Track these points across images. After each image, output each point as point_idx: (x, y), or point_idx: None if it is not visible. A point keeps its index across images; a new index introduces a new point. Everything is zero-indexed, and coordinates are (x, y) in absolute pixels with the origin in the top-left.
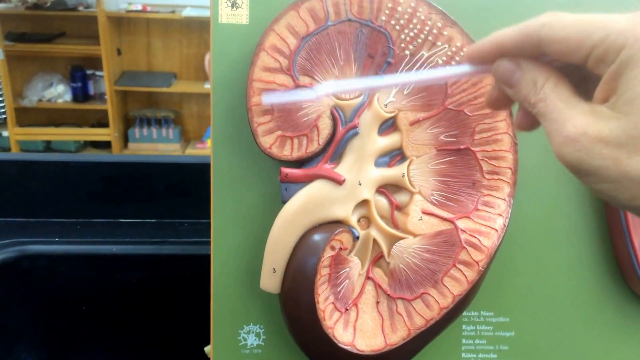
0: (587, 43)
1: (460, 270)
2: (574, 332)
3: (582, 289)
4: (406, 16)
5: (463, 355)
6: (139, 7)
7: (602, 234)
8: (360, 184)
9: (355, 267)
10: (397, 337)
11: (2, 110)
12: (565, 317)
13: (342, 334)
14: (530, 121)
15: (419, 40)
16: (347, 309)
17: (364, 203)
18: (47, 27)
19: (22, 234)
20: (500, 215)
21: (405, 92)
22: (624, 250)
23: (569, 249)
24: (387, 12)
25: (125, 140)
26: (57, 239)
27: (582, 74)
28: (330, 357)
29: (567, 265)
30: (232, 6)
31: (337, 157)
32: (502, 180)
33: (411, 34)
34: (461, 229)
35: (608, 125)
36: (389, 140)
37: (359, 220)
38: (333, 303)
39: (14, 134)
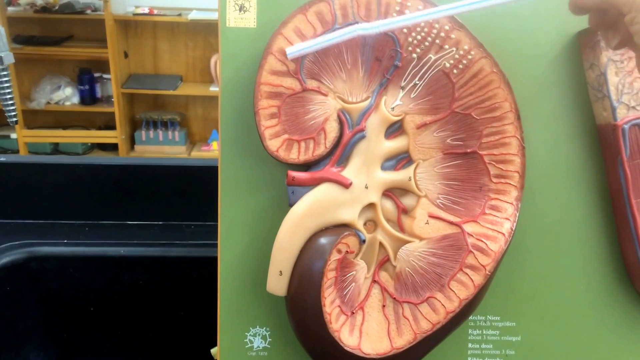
0: None
1: (467, 274)
2: (581, 337)
3: (589, 293)
4: None
5: (469, 359)
6: (146, 11)
7: (610, 238)
8: (366, 188)
9: (361, 270)
10: (403, 340)
11: (14, 114)
12: (572, 322)
13: (348, 338)
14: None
15: (426, 44)
16: (353, 313)
17: (371, 206)
18: (55, 30)
19: (30, 236)
20: (507, 219)
21: (412, 96)
22: (633, 255)
23: (577, 253)
24: (394, 15)
25: (132, 142)
26: (65, 241)
27: None
28: None
29: (575, 270)
30: (240, 10)
31: (343, 161)
32: (510, 183)
33: (418, 37)
34: (468, 233)
35: None
36: (396, 144)
37: (365, 224)
38: (339, 306)
39: (22, 136)
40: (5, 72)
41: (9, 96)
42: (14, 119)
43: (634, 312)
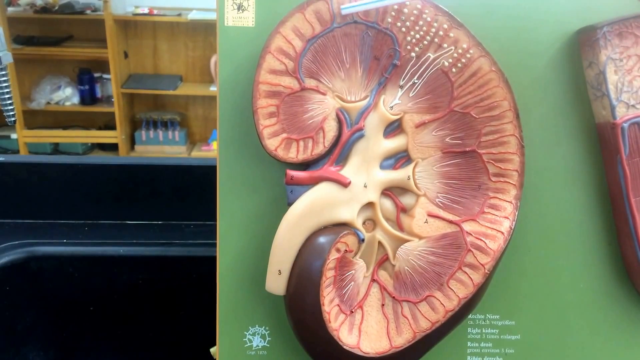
0: None
1: (466, 273)
2: (581, 335)
3: (589, 292)
4: (412, 18)
5: (469, 358)
6: (146, 11)
7: (609, 236)
8: (365, 187)
9: (360, 269)
10: (402, 339)
11: (12, 113)
12: (571, 321)
13: (347, 337)
14: None
15: (425, 42)
16: (352, 312)
17: (370, 205)
18: (55, 31)
19: (30, 236)
20: (506, 217)
21: (411, 95)
22: (632, 254)
23: (576, 251)
24: (393, 14)
25: (132, 142)
26: (65, 241)
27: None
28: (335, 359)
29: (574, 269)
30: (238, 9)
31: (342, 160)
32: (509, 182)
33: (417, 35)
34: (467, 232)
35: None
36: (395, 143)
37: (364, 223)
38: (338, 305)
39: (22, 136)
40: (3, 72)
41: (7, 96)
42: (12, 119)
43: (633, 311)
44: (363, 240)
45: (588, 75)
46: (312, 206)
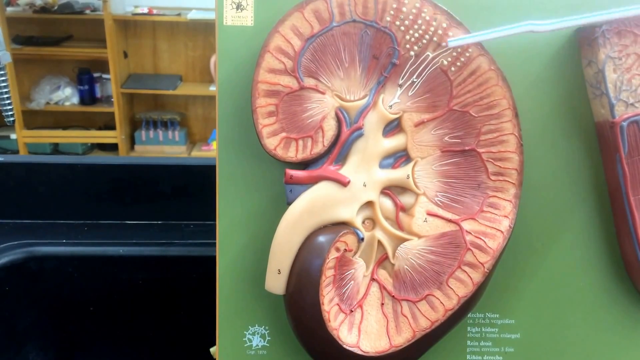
0: None
1: (466, 271)
2: (581, 334)
3: (588, 291)
4: (411, 17)
5: (468, 357)
6: (145, 10)
7: (609, 235)
8: (364, 186)
9: (359, 268)
10: (401, 338)
11: (11, 113)
12: (571, 320)
13: (347, 336)
14: None
15: (424, 41)
16: (351, 311)
17: (369, 204)
18: (54, 31)
19: (30, 236)
20: (505, 216)
21: (410, 94)
22: (632, 253)
23: (576, 250)
24: (391, 12)
25: (132, 142)
26: (64, 241)
27: None
28: (334, 358)
29: (574, 268)
30: (237, 8)
31: (341, 159)
32: (508, 181)
33: (416, 34)
34: (466, 231)
35: None
36: (394, 142)
37: (363, 222)
38: (338, 304)
39: (21, 136)
40: (2, 72)
41: (6, 96)
42: (11, 119)
43: (632, 309)
44: (362, 239)
45: (587, 73)
46: (312, 205)
